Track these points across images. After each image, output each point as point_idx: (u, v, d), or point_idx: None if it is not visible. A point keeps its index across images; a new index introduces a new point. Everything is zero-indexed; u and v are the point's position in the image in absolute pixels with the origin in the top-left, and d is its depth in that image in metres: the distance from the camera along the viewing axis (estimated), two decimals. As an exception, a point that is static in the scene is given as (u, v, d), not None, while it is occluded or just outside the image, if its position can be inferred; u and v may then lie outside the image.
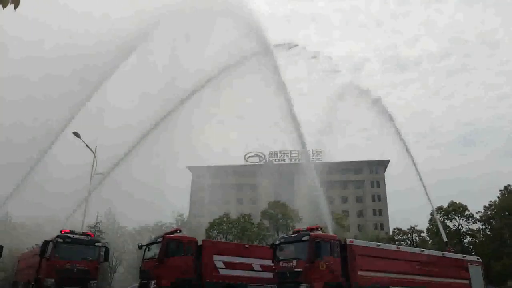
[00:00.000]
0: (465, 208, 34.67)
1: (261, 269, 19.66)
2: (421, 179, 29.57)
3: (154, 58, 35.04)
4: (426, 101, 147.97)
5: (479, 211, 34.93)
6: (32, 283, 19.34)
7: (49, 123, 32.42)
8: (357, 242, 19.20)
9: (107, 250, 20.53)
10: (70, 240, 19.13)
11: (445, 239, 28.91)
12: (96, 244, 19.99)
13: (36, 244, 22.03)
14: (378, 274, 18.10)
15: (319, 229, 18.30)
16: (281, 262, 17.64)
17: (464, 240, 34.47)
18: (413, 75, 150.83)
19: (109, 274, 32.90)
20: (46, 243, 18.82)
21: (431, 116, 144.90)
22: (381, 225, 78.77)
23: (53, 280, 17.97)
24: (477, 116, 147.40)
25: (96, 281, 19.61)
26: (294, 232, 18.99)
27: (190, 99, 31.61)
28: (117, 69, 30.87)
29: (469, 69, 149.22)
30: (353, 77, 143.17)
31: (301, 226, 21.79)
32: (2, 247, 20.54)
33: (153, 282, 17.42)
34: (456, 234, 33.92)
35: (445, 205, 35.30)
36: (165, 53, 35.14)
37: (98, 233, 28.26)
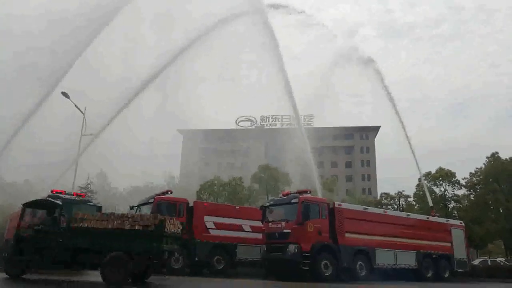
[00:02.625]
0: (453, 174, 35.38)
1: (250, 230, 20.11)
2: (411, 147, 29.93)
3: (141, 16, 33.93)
4: (419, 67, 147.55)
5: (465, 177, 35.76)
6: (25, 241, 19.52)
7: (38, 82, 31.73)
8: (345, 205, 19.64)
9: (99, 209, 20.56)
10: (61, 200, 19.14)
11: (430, 204, 29.66)
12: (88, 204, 20.05)
13: (27, 203, 22.05)
14: (365, 237, 18.67)
15: (308, 192, 18.60)
16: (271, 223, 18.04)
17: (449, 205, 35.43)
18: (406, 41, 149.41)
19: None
20: (37, 202, 18.83)
21: (423, 82, 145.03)
22: (369, 190, 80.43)
23: (45, 238, 18.12)
24: (469, 84, 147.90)
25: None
26: (283, 195, 19.29)
27: (177, 60, 30.93)
28: (106, 26, 29.89)
29: (463, 36, 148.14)
30: (347, 42, 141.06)
31: (291, 190, 22.03)
32: (-7, 206, 20.56)
33: (145, 242, 17.70)
34: (442, 199, 34.80)
35: (433, 171, 36.01)
36: (151, 11, 34.01)
37: (89, 194, 28.31)
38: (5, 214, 27.37)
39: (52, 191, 19.72)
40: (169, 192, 20.03)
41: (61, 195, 19.45)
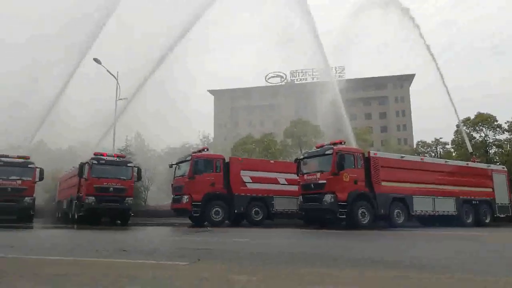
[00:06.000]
0: (493, 118, 33.74)
1: (286, 183, 20.48)
2: (447, 93, 28.76)
3: None
4: (452, 10, 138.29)
5: (507, 121, 34.04)
6: (75, 201, 20.92)
7: (69, 51, 32.48)
8: (381, 154, 19.49)
9: (139, 170, 21.39)
10: (104, 161, 20.14)
11: (470, 150, 28.77)
12: (129, 164, 20.91)
13: (73, 167, 23.34)
14: (402, 185, 18.58)
15: (342, 143, 18.53)
16: (305, 175, 18.25)
17: (490, 151, 34.15)
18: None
19: (143, 192, 35.01)
20: (82, 164, 19.89)
21: (457, 26, 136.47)
22: (405, 140, 78.71)
23: (93, 197, 19.32)
24: (508, 25, 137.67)
25: (132, 198, 20.94)
26: (317, 147, 19.33)
27: (201, 18, 30.55)
28: None
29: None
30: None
31: (324, 143, 21.98)
32: (43, 169, 21.91)
33: (186, 197, 18.52)
34: (482, 145, 33.51)
35: (472, 117, 34.48)
36: None
37: (129, 156, 29.50)
38: (55, 178, 29.17)
39: (94, 154, 20.72)
40: (206, 150, 20.56)
41: (102, 157, 20.43)
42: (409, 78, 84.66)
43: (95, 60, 29.14)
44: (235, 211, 19.09)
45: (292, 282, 4.45)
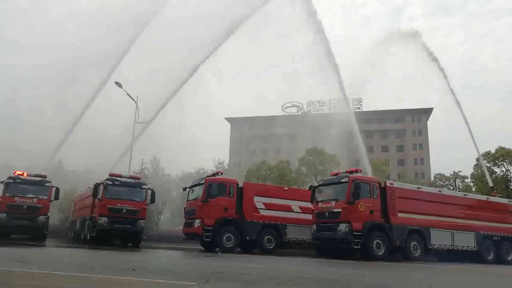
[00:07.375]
0: (515, 153, 32.98)
1: (300, 211, 20.09)
2: (466, 122, 28.42)
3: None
4: (472, 46, 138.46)
5: (530, 156, 33.18)
6: (88, 221, 20.92)
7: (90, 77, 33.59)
8: (397, 184, 19.05)
9: (153, 193, 21.18)
10: (118, 182, 20.20)
11: (490, 184, 28.01)
12: (143, 186, 20.88)
13: (88, 187, 23.51)
14: (419, 216, 18.03)
15: (359, 171, 18.22)
16: (320, 203, 17.90)
17: (511, 186, 33.21)
18: (457, 19, 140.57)
19: (156, 216, 34.90)
20: (97, 185, 20.00)
21: (477, 62, 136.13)
22: (422, 174, 77.14)
23: (106, 218, 19.28)
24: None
25: (144, 221, 20.79)
26: (333, 175, 19.03)
27: (218, 50, 31.35)
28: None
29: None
30: (393, 22, 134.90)
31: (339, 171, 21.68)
32: (59, 189, 22.11)
33: (198, 221, 18.31)
34: (503, 180, 32.66)
35: (493, 151, 33.75)
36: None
37: (144, 179, 29.69)
38: (69, 198, 29.39)
39: (109, 175, 20.85)
40: (220, 174, 20.49)
41: (118, 178, 20.52)
42: (427, 112, 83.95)
43: (116, 83, 29.89)
44: (247, 238, 18.72)
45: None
